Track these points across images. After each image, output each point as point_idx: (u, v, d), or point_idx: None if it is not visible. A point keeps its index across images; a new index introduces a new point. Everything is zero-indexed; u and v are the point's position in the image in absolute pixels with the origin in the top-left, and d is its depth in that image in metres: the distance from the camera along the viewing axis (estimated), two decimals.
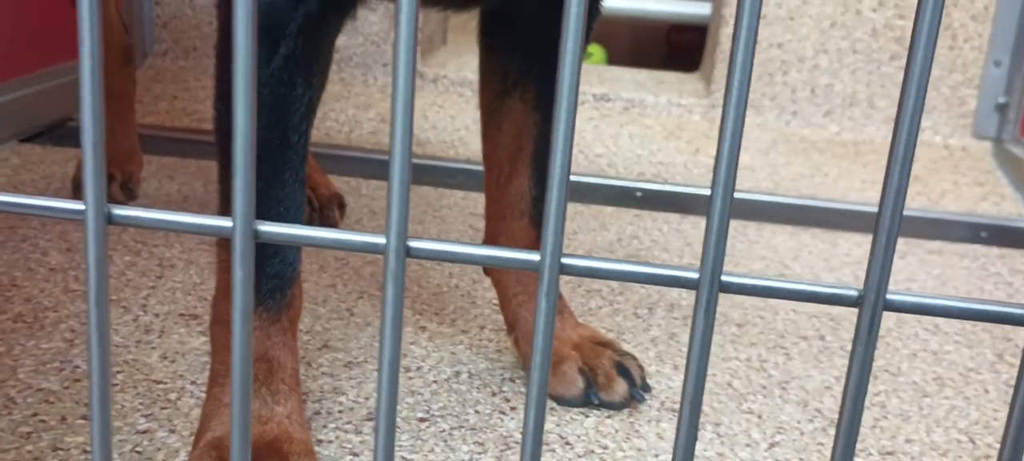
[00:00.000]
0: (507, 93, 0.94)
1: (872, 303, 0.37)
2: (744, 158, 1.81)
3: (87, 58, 0.32)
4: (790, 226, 1.54)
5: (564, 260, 0.37)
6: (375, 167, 1.65)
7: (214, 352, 0.79)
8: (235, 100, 0.33)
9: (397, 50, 0.33)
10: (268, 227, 0.36)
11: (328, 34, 0.79)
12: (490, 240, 0.98)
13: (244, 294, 0.35)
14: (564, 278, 1.20)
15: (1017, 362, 1.08)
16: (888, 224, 0.36)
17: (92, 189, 0.34)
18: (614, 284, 1.21)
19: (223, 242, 0.78)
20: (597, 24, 0.95)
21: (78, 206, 0.35)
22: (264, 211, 0.74)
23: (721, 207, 0.35)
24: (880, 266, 0.36)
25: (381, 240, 0.36)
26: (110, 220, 0.35)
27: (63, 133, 1.69)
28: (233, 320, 0.36)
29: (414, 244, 0.37)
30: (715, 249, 0.36)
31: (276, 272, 0.76)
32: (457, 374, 0.95)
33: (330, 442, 0.81)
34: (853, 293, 0.38)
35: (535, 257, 0.36)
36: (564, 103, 0.33)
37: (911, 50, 0.33)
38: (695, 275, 0.37)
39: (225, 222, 0.35)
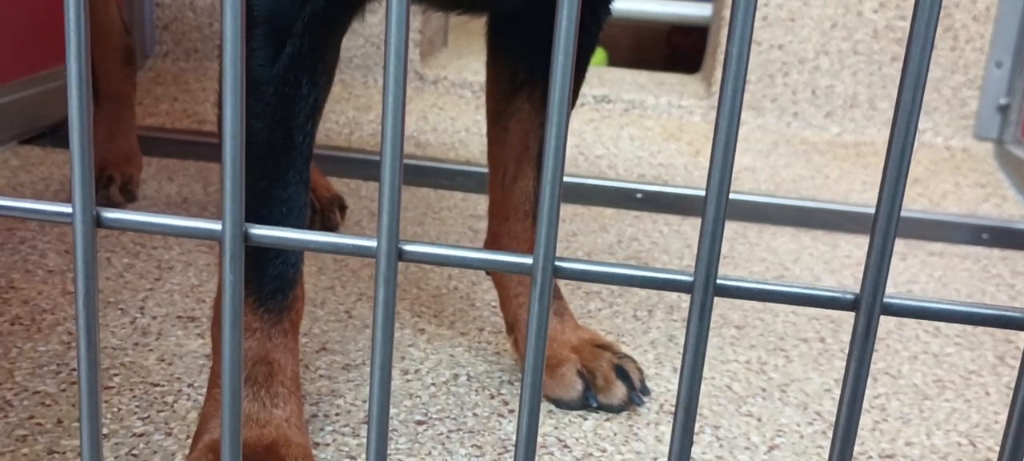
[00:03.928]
0: (515, 93, 0.93)
1: (869, 306, 0.36)
2: (745, 160, 1.81)
3: (74, 61, 0.32)
4: (791, 228, 1.53)
5: (558, 263, 0.36)
6: (375, 169, 1.64)
7: (215, 353, 0.78)
8: (224, 103, 0.33)
9: (388, 51, 0.33)
10: (259, 230, 0.36)
11: (335, 33, 0.79)
12: (492, 240, 0.97)
13: (234, 297, 0.35)
14: (562, 280, 1.19)
15: (1018, 365, 1.08)
16: (885, 227, 0.35)
17: (80, 192, 0.33)
18: (613, 286, 1.21)
19: None
20: (605, 25, 0.94)
21: (66, 209, 0.34)
22: (267, 212, 0.74)
23: (716, 210, 0.35)
24: (877, 269, 0.36)
25: (373, 243, 0.36)
26: (100, 223, 0.35)
27: (63, 135, 1.69)
28: (223, 323, 0.35)
29: (407, 247, 0.37)
30: (710, 252, 0.36)
31: (278, 273, 0.75)
32: (455, 377, 0.95)
33: (327, 445, 0.81)
34: (849, 296, 0.37)
35: (528, 260, 0.36)
36: (556, 103, 0.33)
37: (908, 48, 0.33)
38: (690, 278, 0.37)
39: (215, 225, 0.35)
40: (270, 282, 0.75)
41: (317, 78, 0.74)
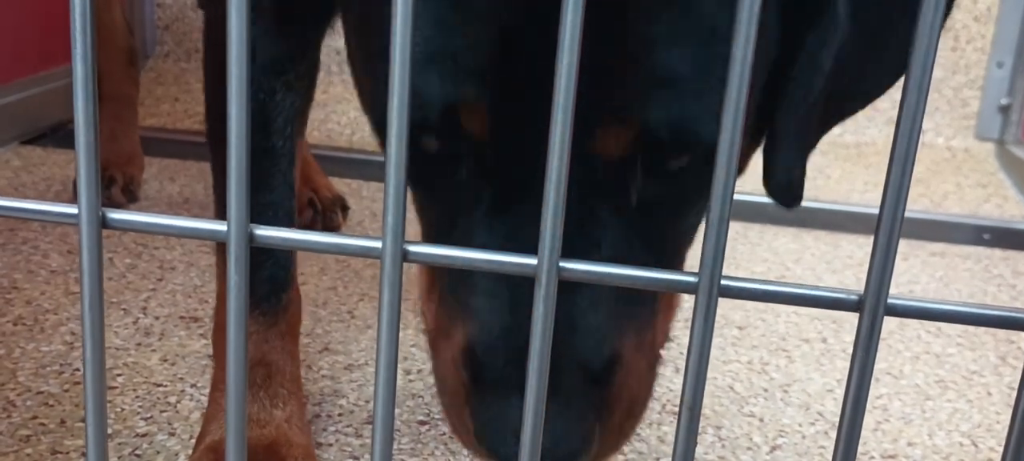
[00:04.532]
0: None
1: (873, 308, 0.36)
2: None
3: (80, 62, 0.32)
4: (792, 228, 1.53)
5: (562, 264, 0.36)
6: (377, 169, 1.65)
7: (216, 358, 0.79)
8: (230, 102, 0.33)
9: (393, 51, 0.33)
10: (264, 231, 0.36)
11: (307, 39, 0.80)
12: None
13: (239, 299, 0.35)
14: None
15: (1020, 365, 1.08)
16: (889, 229, 0.35)
17: (86, 193, 0.33)
18: None
19: (222, 249, 0.79)
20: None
21: (72, 210, 0.34)
22: (255, 216, 0.75)
23: (721, 210, 0.35)
24: (881, 271, 0.36)
25: (377, 244, 0.36)
26: (105, 224, 0.35)
27: (64, 135, 1.69)
28: (228, 324, 0.35)
29: (412, 248, 0.37)
30: (714, 253, 0.36)
31: (270, 276, 0.76)
32: None
33: (330, 445, 0.81)
34: (853, 298, 0.37)
35: (533, 261, 0.36)
36: (561, 102, 0.33)
37: (913, 52, 0.33)
38: (694, 279, 0.37)
39: (220, 226, 0.35)
40: (262, 285, 0.76)
41: (292, 84, 0.75)
